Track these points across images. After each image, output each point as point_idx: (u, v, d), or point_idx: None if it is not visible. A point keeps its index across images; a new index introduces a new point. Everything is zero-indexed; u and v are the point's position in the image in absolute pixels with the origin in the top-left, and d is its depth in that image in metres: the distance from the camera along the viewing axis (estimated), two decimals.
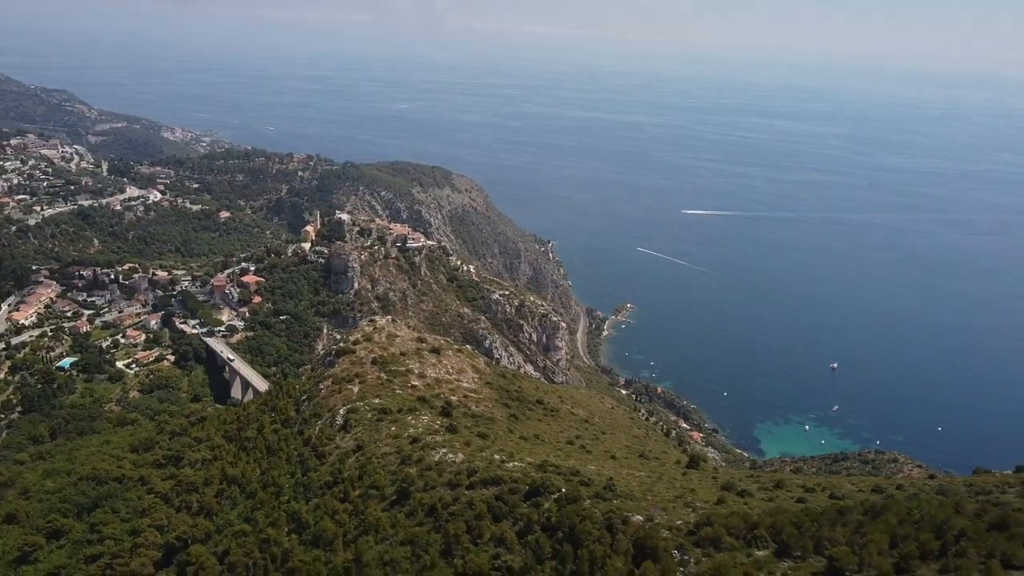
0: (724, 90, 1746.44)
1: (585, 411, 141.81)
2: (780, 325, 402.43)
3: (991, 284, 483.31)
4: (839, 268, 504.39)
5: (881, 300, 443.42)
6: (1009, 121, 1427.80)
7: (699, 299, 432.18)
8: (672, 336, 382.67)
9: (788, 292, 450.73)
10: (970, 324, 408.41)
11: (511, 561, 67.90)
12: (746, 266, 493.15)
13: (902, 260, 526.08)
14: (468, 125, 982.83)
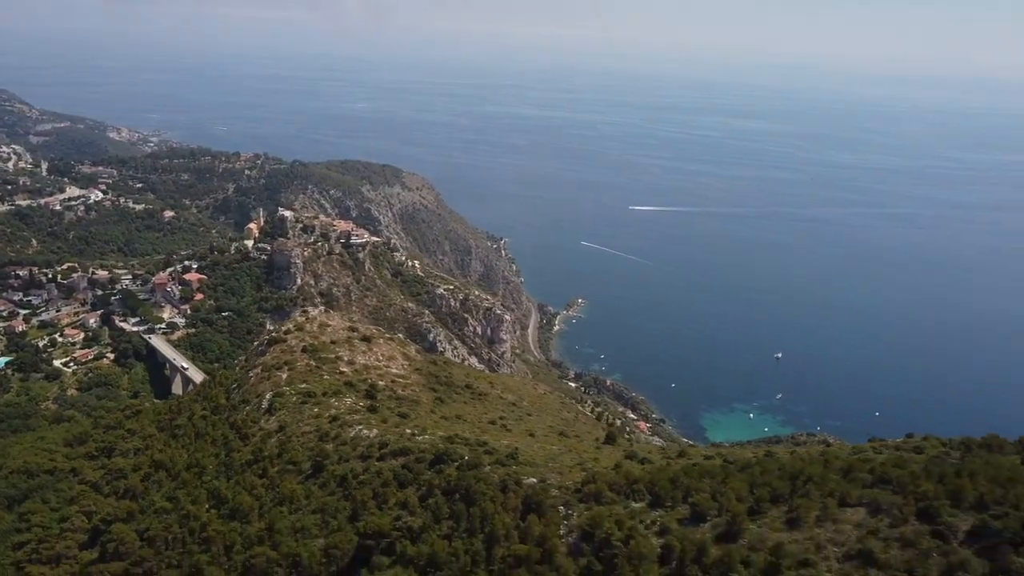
0: (680, 89, 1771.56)
1: (515, 396, 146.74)
2: (728, 317, 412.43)
3: (930, 276, 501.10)
4: (786, 262, 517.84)
5: (826, 292, 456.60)
6: (957, 119, 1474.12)
7: (649, 294, 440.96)
8: (622, 330, 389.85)
9: (736, 285, 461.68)
10: (910, 314, 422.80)
11: (411, 522, 72.53)
12: (695, 261, 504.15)
13: (847, 254, 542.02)
14: (424, 124, 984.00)
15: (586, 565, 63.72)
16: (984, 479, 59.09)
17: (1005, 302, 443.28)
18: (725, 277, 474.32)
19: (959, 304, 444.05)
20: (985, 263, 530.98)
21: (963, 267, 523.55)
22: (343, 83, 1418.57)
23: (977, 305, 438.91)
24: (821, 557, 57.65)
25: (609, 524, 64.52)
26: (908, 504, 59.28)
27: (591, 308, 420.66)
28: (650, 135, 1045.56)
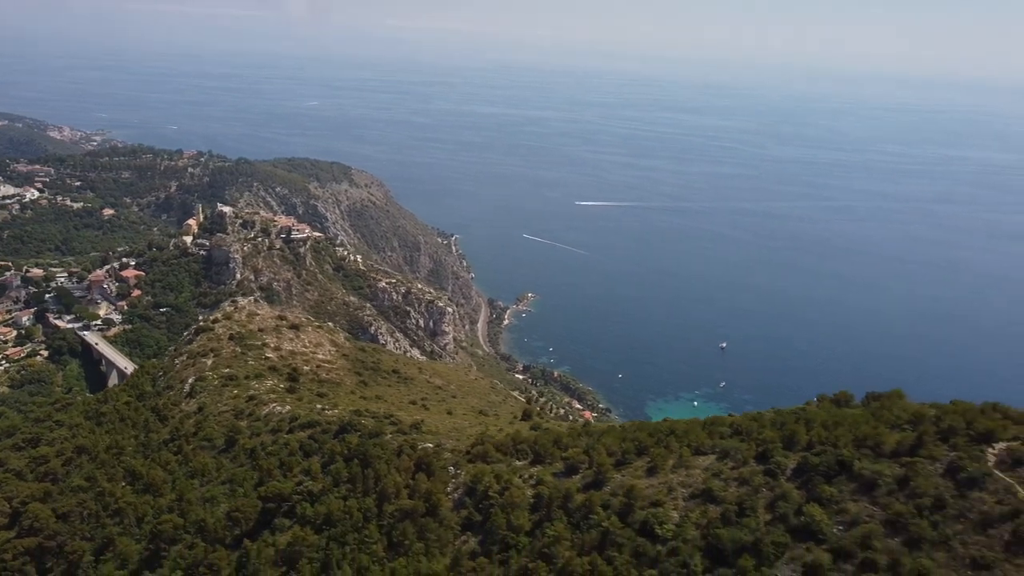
0: (635, 86, 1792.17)
1: (443, 380, 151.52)
2: (675, 309, 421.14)
3: (867, 265, 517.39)
4: (732, 254, 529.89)
5: (770, 283, 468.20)
6: (900, 115, 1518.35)
7: (598, 288, 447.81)
8: (571, 323, 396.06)
9: (683, 278, 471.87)
10: (848, 302, 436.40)
11: (312, 486, 77.19)
12: (644, 255, 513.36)
13: (791, 246, 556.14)
14: (378, 123, 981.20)
15: (467, 515, 69.26)
16: (817, 425, 66.05)
17: (938, 290, 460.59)
18: (673, 270, 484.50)
19: (896, 292, 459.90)
20: (921, 253, 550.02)
21: (900, 257, 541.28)
22: (294, 81, 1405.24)
23: (913, 293, 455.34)
24: (670, 497, 64.09)
25: (489, 479, 70.10)
26: (750, 449, 66.04)
27: (541, 302, 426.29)
28: (603, 132, 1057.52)
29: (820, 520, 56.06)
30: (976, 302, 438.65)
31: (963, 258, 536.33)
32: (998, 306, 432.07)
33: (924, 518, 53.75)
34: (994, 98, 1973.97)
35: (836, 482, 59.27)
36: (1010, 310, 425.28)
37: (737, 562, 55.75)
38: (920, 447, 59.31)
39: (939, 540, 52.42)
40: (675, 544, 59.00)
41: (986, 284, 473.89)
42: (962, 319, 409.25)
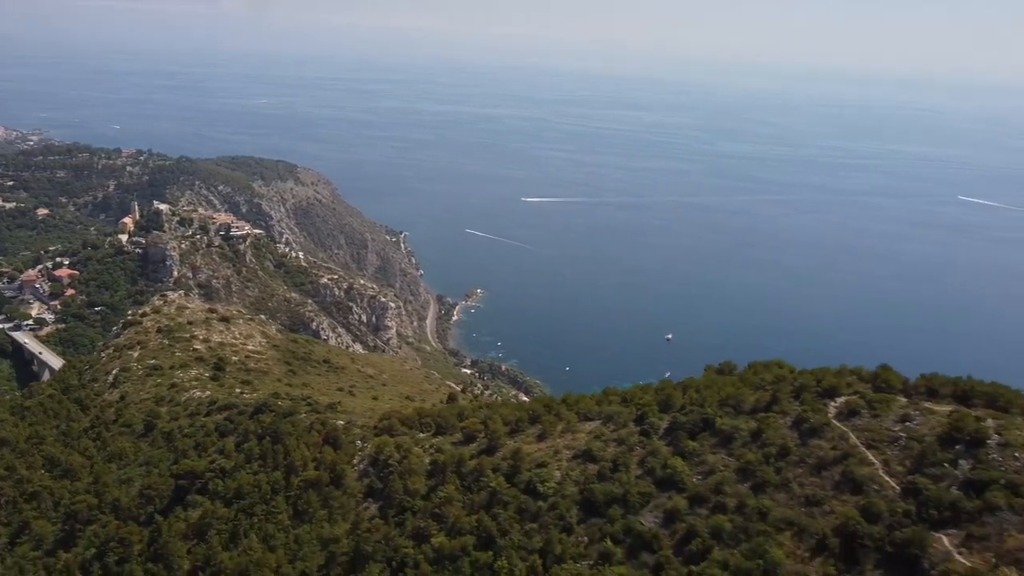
0: (584, 83, 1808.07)
1: (376, 370, 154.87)
2: (622, 302, 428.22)
3: (807, 256, 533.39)
4: (678, 247, 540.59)
5: (715, 275, 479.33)
6: (837, 110, 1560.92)
7: (547, 282, 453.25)
8: (519, 318, 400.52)
9: (630, 271, 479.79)
10: (789, 292, 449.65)
11: (224, 463, 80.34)
12: (592, 249, 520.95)
13: (736, 239, 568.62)
14: (326, 120, 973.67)
15: (369, 484, 73.36)
16: (691, 390, 71.81)
17: (876, 280, 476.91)
18: (620, 264, 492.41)
19: (836, 282, 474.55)
20: (861, 245, 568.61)
21: (841, 248, 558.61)
22: (242, 79, 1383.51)
23: (852, 282, 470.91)
24: (555, 459, 69.14)
25: (390, 449, 74.20)
26: (631, 413, 71.49)
27: (490, 298, 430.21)
28: (554, 129, 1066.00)
29: (681, 471, 61.65)
30: (909, 289, 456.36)
31: (898, 248, 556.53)
32: (929, 293, 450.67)
33: (770, 465, 59.65)
34: (927, 93, 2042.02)
35: (700, 437, 64.96)
36: (940, 296, 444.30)
37: (608, 512, 60.96)
38: (775, 404, 65.32)
39: (781, 483, 58.33)
40: (555, 500, 64.01)
41: (919, 272, 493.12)
42: (897, 305, 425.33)
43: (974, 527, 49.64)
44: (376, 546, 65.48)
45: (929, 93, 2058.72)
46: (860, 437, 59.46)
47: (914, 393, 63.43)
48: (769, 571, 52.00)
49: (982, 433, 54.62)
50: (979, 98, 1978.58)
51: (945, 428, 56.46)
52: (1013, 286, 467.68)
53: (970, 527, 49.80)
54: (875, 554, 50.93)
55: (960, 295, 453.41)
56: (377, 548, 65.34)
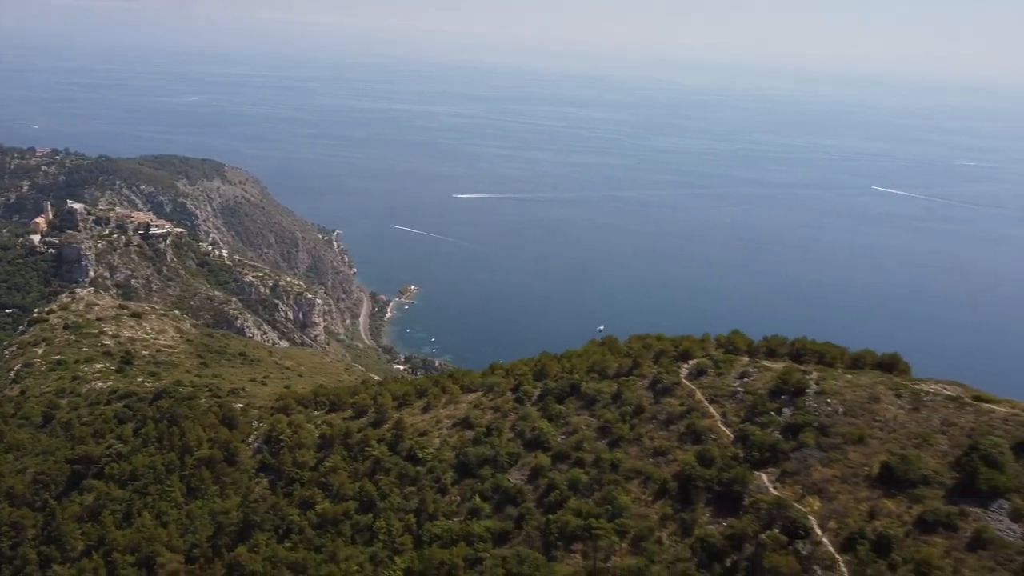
0: (521, 80, 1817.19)
1: (293, 362, 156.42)
2: (554, 295, 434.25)
3: (735, 248, 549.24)
4: (611, 241, 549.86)
5: (647, 268, 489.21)
6: (767, 105, 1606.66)
7: (481, 278, 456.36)
8: (453, 313, 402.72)
9: (563, 265, 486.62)
10: (716, 283, 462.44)
11: (121, 448, 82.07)
12: (525, 244, 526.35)
13: (668, 232, 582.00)
14: (258, 119, 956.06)
15: (261, 459, 76.34)
16: (565, 360, 77.02)
17: (804, 271, 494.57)
18: (553, 258, 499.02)
19: (765, 273, 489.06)
20: (786, 235, 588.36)
21: (769, 240, 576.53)
22: (169, 76, 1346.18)
23: (778, 272, 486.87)
24: (437, 428, 73.45)
25: (283, 426, 77.30)
26: (508, 383, 76.22)
27: (423, 294, 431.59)
28: (491, 126, 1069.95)
29: (547, 432, 66.71)
30: (834, 279, 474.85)
31: (823, 239, 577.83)
32: (851, 281, 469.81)
33: (626, 422, 65.19)
34: (852, 89, 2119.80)
35: (567, 401, 70.17)
36: (863, 284, 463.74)
37: (479, 472, 65.58)
38: (636, 368, 70.97)
39: (634, 438, 63.92)
40: (433, 464, 68.33)
41: (843, 261, 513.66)
42: (821, 294, 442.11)
43: (787, 464, 55.94)
44: (264, 516, 68.70)
45: (854, 89, 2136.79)
46: (705, 393, 65.52)
47: (757, 353, 69.90)
48: (616, 514, 57.33)
49: (803, 384, 61.13)
50: (900, 94, 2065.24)
51: (775, 382, 62.84)
52: (915, 270, 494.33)
53: (785, 465, 56.08)
54: (706, 493, 56.80)
55: (865, 279, 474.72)
56: (265, 517, 68.57)
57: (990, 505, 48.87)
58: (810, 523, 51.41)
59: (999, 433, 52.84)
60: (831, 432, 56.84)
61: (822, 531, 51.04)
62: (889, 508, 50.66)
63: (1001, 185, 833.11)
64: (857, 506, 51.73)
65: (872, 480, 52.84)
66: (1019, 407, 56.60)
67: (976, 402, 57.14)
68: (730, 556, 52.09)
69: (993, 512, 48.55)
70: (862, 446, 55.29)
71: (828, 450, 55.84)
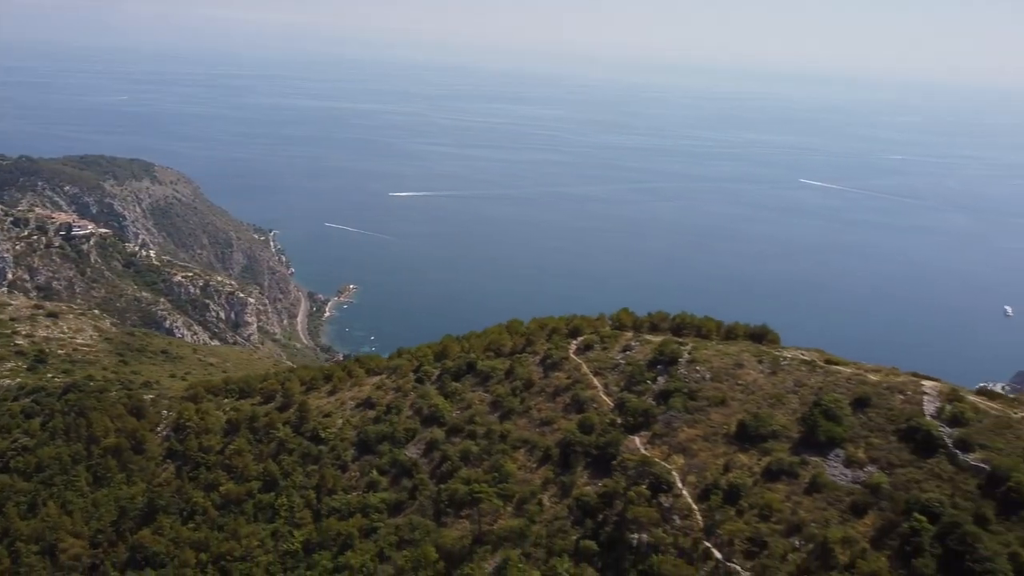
0: (460, 77, 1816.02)
1: (219, 359, 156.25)
2: (492, 291, 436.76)
3: (672, 242, 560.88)
4: (550, 237, 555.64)
5: (582, 262, 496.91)
6: (703, 102, 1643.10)
7: (420, 275, 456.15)
8: (393, 311, 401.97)
9: (502, 262, 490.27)
10: (651, 276, 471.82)
11: (27, 442, 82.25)
12: (465, 241, 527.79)
13: (605, 227, 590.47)
14: (191, 118, 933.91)
15: (169, 446, 77.78)
16: (466, 342, 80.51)
17: (736, 261, 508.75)
18: (492, 255, 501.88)
19: (699, 264, 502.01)
20: (722, 228, 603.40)
21: (703, 233, 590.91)
22: (96, 74, 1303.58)
23: (712, 263, 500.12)
24: (340, 409, 76.11)
25: (190, 413, 78.80)
26: (411, 364, 79.34)
27: (363, 293, 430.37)
28: (431, 123, 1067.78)
29: (443, 408, 70.14)
30: (761, 268, 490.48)
31: (757, 231, 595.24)
32: (781, 271, 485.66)
33: (516, 396, 69.01)
34: (787, 86, 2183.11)
35: (464, 379, 73.71)
36: (792, 273, 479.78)
37: (378, 448, 68.59)
38: (529, 345, 74.94)
39: (523, 410, 67.84)
40: (335, 443, 71.02)
41: (775, 252, 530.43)
42: (749, 283, 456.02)
43: (657, 427, 60.54)
44: (169, 499, 70.38)
45: (789, 86, 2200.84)
46: (590, 366, 69.83)
47: (641, 328, 74.59)
48: (501, 480, 61.05)
49: (677, 354, 65.92)
50: (834, 91, 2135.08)
51: (654, 353, 67.50)
52: (837, 259, 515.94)
53: (655, 428, 60.68)
54: (584, 458, 61.01)
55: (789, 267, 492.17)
56: (170, 501, 70.25)
57: (828, 454, 54.21)
58: (673, 478, 56.01)
59: (841, 391, 58.38)
60: (698, 396, 61.68)
61: (683, 485, 55.70)
62: (742, 461, 55.63)
63: (924, 178, 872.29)
64: (715, 461, 56.58)
65: (730, 437, 57.81)
66: (862, 368, 62.44)
67: (827, 365, 62.76)
68: (602, 512, 56.32)
69: (830, 460, 53.88)
70: (724, 407, 60.26)
71: (694, 412, 60.65)
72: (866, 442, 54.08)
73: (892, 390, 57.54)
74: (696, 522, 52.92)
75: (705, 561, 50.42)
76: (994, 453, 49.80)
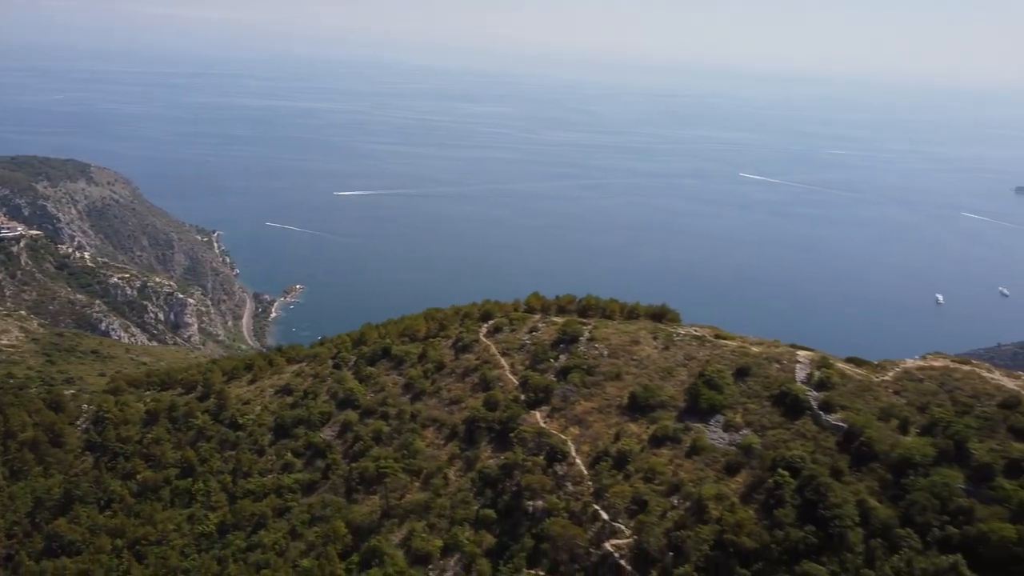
0: (408, 75, 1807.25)
1: (152, 358, 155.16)
2: (439, 288, 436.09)
3: (620, 235, 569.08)
4: (497, 234, 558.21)
5: (529, 257, 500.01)
6: (648, 99, 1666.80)
7: (367, 274, 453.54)
8: (340, 311, 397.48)
9: (448, 258, 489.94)
10: (596, 270, 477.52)
11: None
12: (412, 239, 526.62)
13: (552, 223, 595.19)
14: (130, 117, 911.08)
15: (88, 438, 78.46)
16: (383, 328, 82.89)
17: (678, 253, 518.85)
18: (439, 252, 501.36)
19: (642, 257, 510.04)
20: (665, 222, 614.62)
21: (649, 228, 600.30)
22: (29, 73, 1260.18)
23: (657, 256, 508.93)
24: (260, 396, 77.78)
25: (109, 405, 79.56)
26: (329, 352, 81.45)
27: (310, 293, 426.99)
28: (377, 121, 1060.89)
29: (357, 392, 72.52)
30: (706, 261, 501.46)
31: (700, 224, 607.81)
32: (722, 263, 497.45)
33: (428, 378, 71.81)
34: (732, 84, 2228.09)
35: (379, 364, 76.19)
36: (733, 266, 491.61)
37: (294, 432, 70.66)
38: (443, 330, 77.80)
39: (434, 391, 70.65)
40: (252, 428, 72.81)
41: (721, 244, 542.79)
42: (699, 274, 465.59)
43: (556, 402, 64.01)
44: (87, 489, 71.26)
45: (733, 83, 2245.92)
46: (499, 347, 73.03)
47: (550, 311, 78.09)
48: (410, 456, 63.79)
49: (579, 333, 69.49)
50: (778, 88, 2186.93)
51: (557, 334, 70.97)
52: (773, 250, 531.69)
53: (554, 402, 64.13)
54: (488, 433, 64.15)
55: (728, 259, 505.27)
56: (87, 491, 71.16)
57: (709, 420, 58.34)
58: (568, 448, 59.54)
59: (726, 362, 62.63)
60: (595, 372, 65.36)
61: (576, 454, 59.25)
62: (631, 430, 59.43)
63: (861, 172, 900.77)
64: (607, 431, 60.28)
65: (622, 408, 61.59)
66: (747, 341, 66.93)
67: (716, 339, 67.07)
68: (503, 483, 59.50)
69: (711, 425, 58.02)
70: (618, 381, 64.04)
71: (591, 387, 64.29)
72: (744, 408, 58.37)
73: (771, 360, 62.02)
74: (587, 487, 56.47)
75: (593, 522, 53.98)
76: (852, 413, 54.41)
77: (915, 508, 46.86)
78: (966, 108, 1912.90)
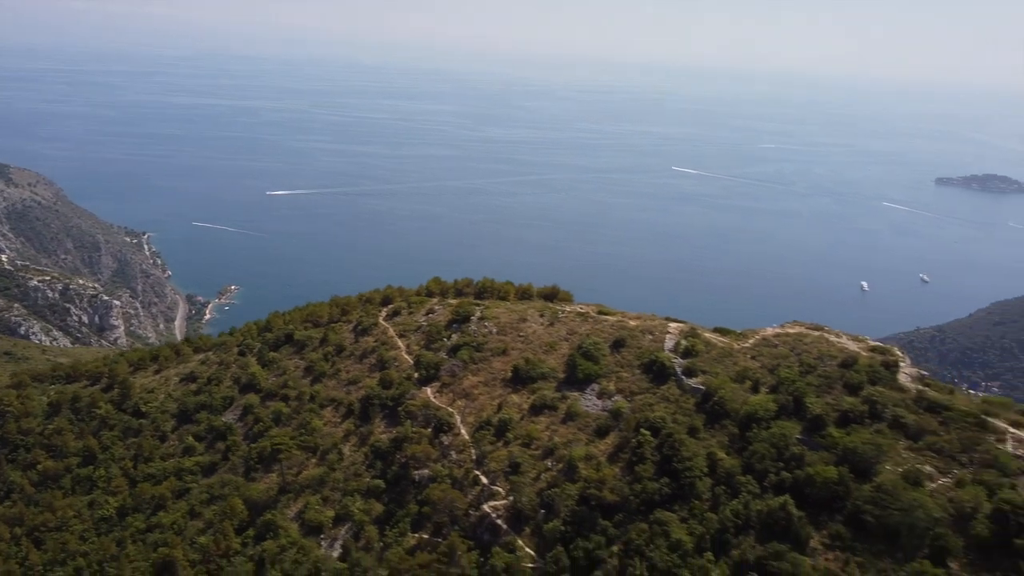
0: (346, 73, 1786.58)
1: (71, 358, 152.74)
2: (375, 282, 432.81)
3: (556, 231, 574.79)
4: (438, 230, 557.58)
5: (469, 253, 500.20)
6: (587, 96, 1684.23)
7: (304, 274, 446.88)
8: (274, 309, 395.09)
9: (388, 255, 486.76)
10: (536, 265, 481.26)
11: None
12: (350, 237, 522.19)
13: (492, 218, 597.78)
14: (54, 117, 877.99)
15: None
16: (288, 315, 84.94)
17: (618, 248, 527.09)
18: (378, 250, 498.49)
19: (577, 252, 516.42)
20: (606, 216, 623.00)
21: (586, 222, 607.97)
22: None
23: (595, 251, 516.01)
24: (165, 384, 79.07)
25: (10, 399, 79.72)
26: (235, 340, 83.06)
27: (245, 294, 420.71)
28: (315, 120, 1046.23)
29: (259, 376, 74.60)
30: (645, 251, 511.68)
31: (640, 217, 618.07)
32: (668, 255, 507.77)
33: (328, 361, 74.35)
34: (668, 79, 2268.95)
35: (282, 349, 78.38)
36: (667, 257, 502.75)
37: (196, 417, 72.36)
38: (344, 315, 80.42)
39: (333, 372, 73.28)
40: (155, 416, 74.19)
41: (661, 237, 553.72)
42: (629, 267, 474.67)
43: (446, 378, 67.41)
44: None
45: (670, 79, 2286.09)
46: (396, 330, 76.07)
47: (447, 294, 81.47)
48: (307, 434, 66.33)
49: (470, 313, 72.99)
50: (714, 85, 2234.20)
51: (452, 315, 74.36)
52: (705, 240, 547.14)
53: (443, 378, 67.52)
54: (382, 410, 67.16)
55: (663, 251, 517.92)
56: None
57: (585, 389, 62.55)
58: (454, 420, 63.02)
59: (604, 335, 66.99)
60: (483, 348, 68.99)
61: (462, 425, 62.77)
62: (513, 400, 63.24)
63: (792, 165, 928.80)
64: (491, 402, 63.96)
65: (506, 381, 65.34)
66: (626, 316, 71.48)
67: (598, 315, 71.41)
68: (392, 455, 62.64)
69: (586, 394, 62.24)
70: (505, 356, 67.79)
71: (479, 362, 67.89)
72: (617, 376, 62.77)
73: (645, 332, 66.64)
74: (469, 455, 60.07)
75: (474, 486, 57.59)
76: (711, 377, 59.29)
77: (755, 457, 51.81)
78: (893, 103, 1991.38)
